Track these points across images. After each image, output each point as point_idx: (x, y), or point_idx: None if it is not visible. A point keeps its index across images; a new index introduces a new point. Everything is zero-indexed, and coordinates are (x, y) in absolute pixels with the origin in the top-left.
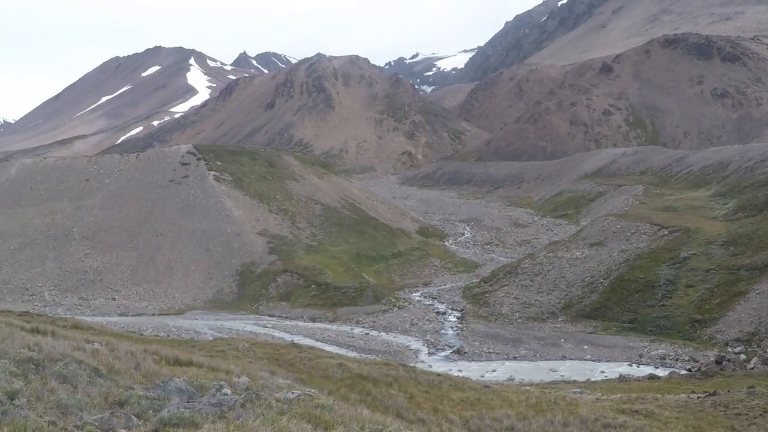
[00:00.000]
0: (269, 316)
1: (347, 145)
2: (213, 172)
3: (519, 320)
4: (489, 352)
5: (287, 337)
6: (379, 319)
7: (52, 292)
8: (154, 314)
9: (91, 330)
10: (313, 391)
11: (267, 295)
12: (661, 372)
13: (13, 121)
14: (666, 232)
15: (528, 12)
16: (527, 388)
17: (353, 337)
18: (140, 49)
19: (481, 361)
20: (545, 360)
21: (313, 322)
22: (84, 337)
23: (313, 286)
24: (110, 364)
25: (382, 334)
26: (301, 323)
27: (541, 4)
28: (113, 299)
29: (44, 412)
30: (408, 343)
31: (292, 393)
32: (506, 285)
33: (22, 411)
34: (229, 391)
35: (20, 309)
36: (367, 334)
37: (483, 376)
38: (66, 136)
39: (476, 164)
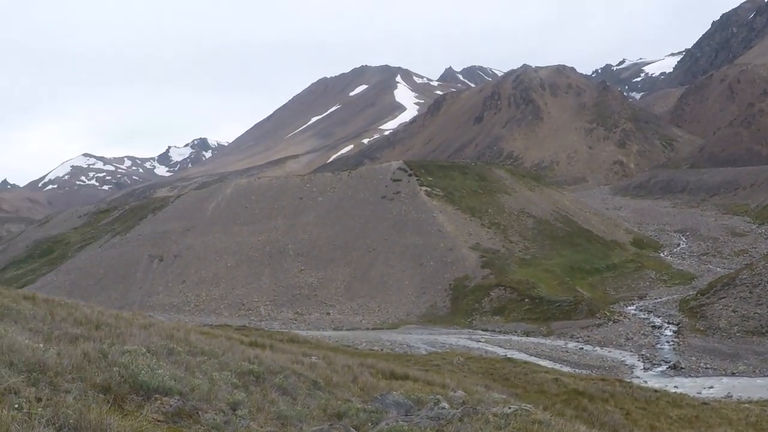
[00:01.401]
0: (482, 330)
1: (557, 157)
2: (424, 188)
3: (737, 334)
4: (706, 368)
5: (501, 351)
6: (593, 333)
7: (267, 307)
8: (367, 329)
9: (308, 344)
10: (529, 406)
11: (480, 309)
12: None
13: (227, 144)
14: None
15: (734, 10)
16: (746, 405)
17: (567, 351)
18: (347, 69)
19: (697, 377)
20: (765, 376)
21: (527, 336)
22: (301, 351)
23: (526, 300)
24: (328, 377)
25: (597, 348)
26: (514, 337)
27: (747, 1)
28: (327, 314)
29: (265, 423)
30: (623, 358)
31: (509, 408)
32: (724, 297)
33: (244, 421)
34: (446, 405)
35: (237, 323)
36: (582, 348)
37: (700, 393)
38: (278, 157)
39: (690, 171)
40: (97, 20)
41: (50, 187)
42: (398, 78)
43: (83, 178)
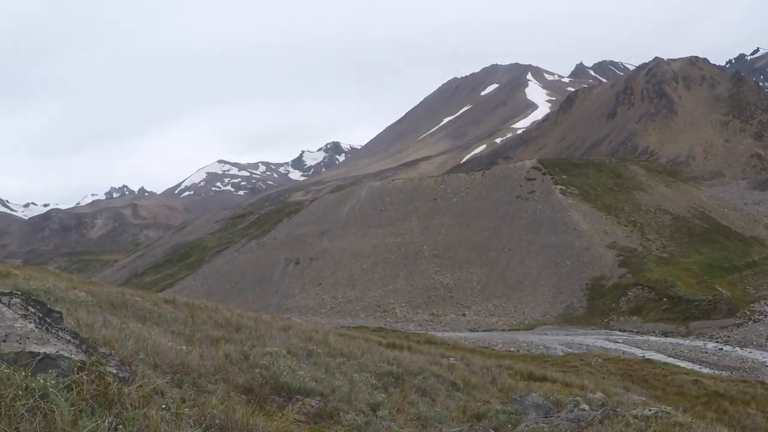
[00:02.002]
0: (620, 330)
1: (693, 151)
2: (559, 186)
3: None
4: None
5: (638, 352)
6: (733, 333)
7: (403, 308)
8: (503, 330)
9: (445, 345)
10: (669, 408)
11: (617, 309)
12: None
13: (360, 147)
14: None
15: None
16: None
17: (706, 352)
18: (477, 69)
19: None
20: None
21: (665, 336)
22: (439, 352)
23: (664, 299)
24: (466, 379)
25: (737, 349)
26: (652, 338)
27: None
28: (463, 315)
29: (405, 424)
30: (764, 359)
31: (649, 410)
32: None
33: (384, 422)
34: (586, 407)
35: (374, 325)
36: (721, 349)
37: None
38: (411, 158)
39: None
40: (228, 30)
41: (187, 193)
42: (529, 75)
43: (219, 184)
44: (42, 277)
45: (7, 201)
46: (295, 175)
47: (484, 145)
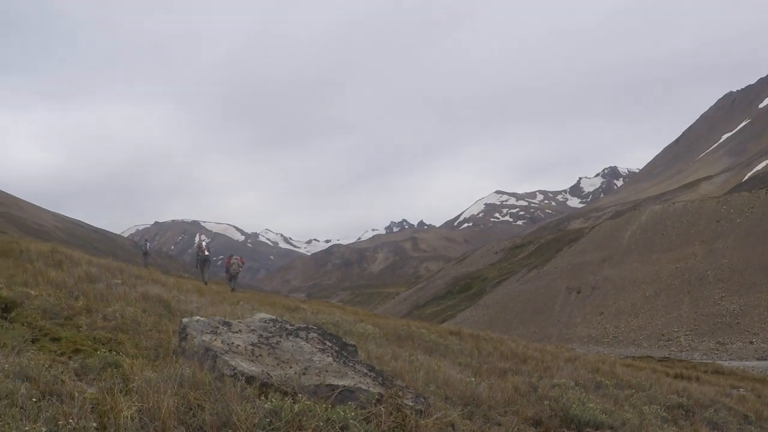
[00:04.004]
0: None
1: None
2: None
3: None
4: None
5: None
6: None
7: (687, 336)
8: None
9: (733, 375)
10: None
11: None
12: None
13: (637, 170)
14: None
15: None
16: None
17: None
18: (752, 81)
19: None
20: None
21: None
22: (728, 383)
23: None
24: (759, 411)
25: None
26: None
27: None
28: (751, 342)
29: None
30: None
31: None
32: None
33: None
34: None
35: (658, 354)
36: None
37: None
38: (690, 179)
39: None
40: (500, 64)
41: (465, 225)
42: None
43: (497, 214)
44: (328, 310)
45: (290, 238)
46: (573, 202)
47: (767, 161)
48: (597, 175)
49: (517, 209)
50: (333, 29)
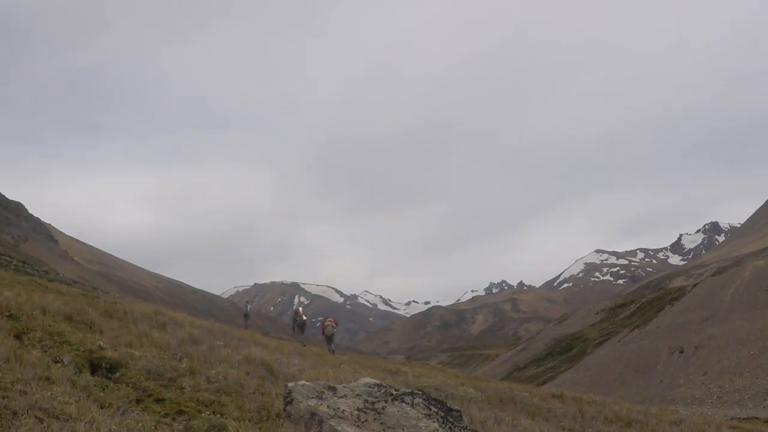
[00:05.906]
0: None
1: None
2: None
3: None
4: None
5: None
6: None
7: None
8: None
9: None
10: None
11: None
12: None
13: (739, 225)
14: None
15: None
16: None
17: None
18: None
19: None
20: None
21: None
22: None
23: None
24: None
25: None
26: None
27: None
28: None
29: None
30: None
31: None
32: None
33: None
34: None
35: (763, 415)
36: None
37: None
38: None
39: None
40: (588, 119)
41: (565, 285)
42: None
43: (597, 274)
44: (430, 373)
45: (389, 300)
46: (675, 259)
47: None
48: (698, 231)
49: (618, 268)
50: (445, 71)
